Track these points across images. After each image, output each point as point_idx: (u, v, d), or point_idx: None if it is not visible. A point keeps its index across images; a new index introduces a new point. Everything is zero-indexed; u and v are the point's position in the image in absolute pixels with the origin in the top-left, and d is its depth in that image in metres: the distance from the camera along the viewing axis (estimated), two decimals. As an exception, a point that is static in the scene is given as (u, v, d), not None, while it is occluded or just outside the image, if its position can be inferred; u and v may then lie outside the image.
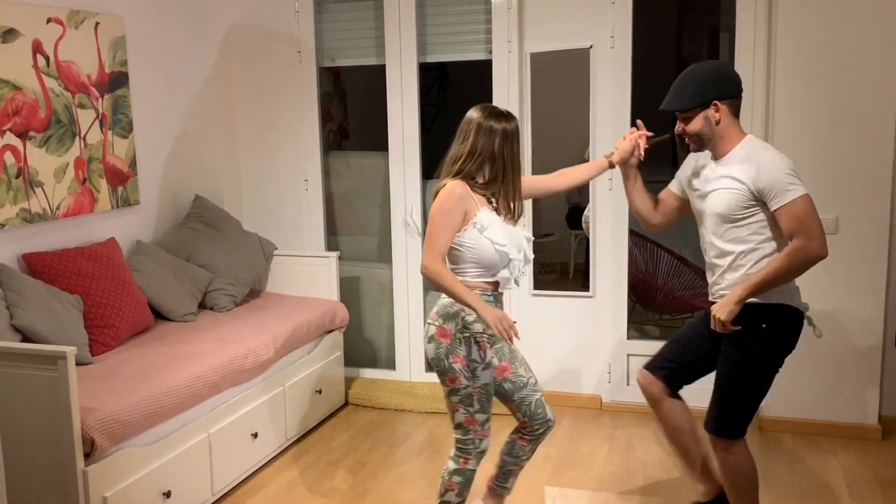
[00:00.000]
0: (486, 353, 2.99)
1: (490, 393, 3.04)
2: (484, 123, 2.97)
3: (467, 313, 2.94)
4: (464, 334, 2.95)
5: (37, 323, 3.43)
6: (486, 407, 3.03)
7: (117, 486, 3.09)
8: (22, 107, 3.74)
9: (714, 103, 2.88)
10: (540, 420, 3.15)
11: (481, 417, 3.03)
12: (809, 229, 2.76)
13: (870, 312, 4.20)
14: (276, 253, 5.00)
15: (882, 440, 4.25)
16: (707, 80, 2.91)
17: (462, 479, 3.08)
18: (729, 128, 2.91)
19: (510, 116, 3.03)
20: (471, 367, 2.96)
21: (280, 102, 5.10)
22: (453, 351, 2.96)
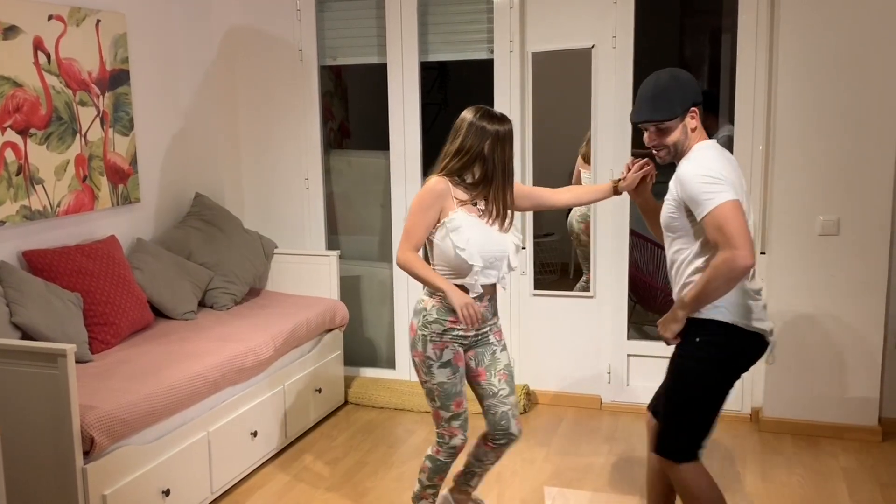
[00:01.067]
0: (443, 353, 3.04)
1: (450, 392, 3.08)
2: (476, 123, 3.00)
3: (428, 312, 3.04)
4: (423, 332, 3.05)
5: (37, 320, 3.43)
6: (446, 405, 3.09)
7: (117, 484, 3.08)
8: (23, 104, 3.73)
9: (693, 109, 2.74)
10: (501, 431, 3.17)
11: (444, 414, 3.11)
12: (731, 237, 2.53)
13: (870, 314, 4.20)
14: (276, 251, 5.00)
15: (882, 442, 4.24)
16: (684, 86, 2.76)
17: (432, 466, 3.22)
18: (699, 133, 2.78)
19: (504, 119, 3.03)
20: (426, 364, 3.06)
21: (281, 101, 5.09)
22: (415, 345, 3.09)
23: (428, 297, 3.07)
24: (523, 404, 4.71)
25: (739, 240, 2.53)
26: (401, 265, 3.04)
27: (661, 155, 2.82)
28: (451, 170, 3.02)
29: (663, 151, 2.80)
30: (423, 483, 3.28)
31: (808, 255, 4.24)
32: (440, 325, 3.04)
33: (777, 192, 4.25)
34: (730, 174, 2.67)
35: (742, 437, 4.35)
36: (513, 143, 3.06)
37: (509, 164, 3.04)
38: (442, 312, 3.03)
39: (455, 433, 3.14)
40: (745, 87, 4.36)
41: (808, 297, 4.28)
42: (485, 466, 3.31)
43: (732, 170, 2.72)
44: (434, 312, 3.04)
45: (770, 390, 4.41)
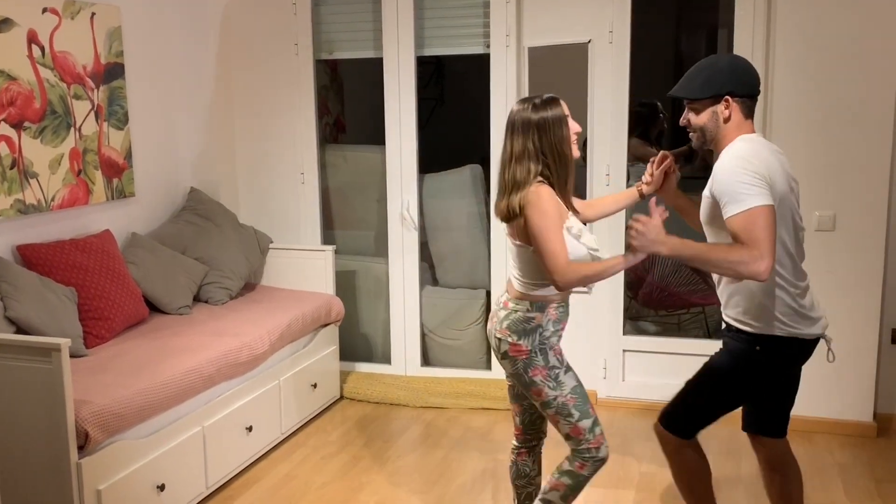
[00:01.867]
0: (563, 356, 2.82)
1: (584, 394, 2.82)
2: (519, 118, 2.74)
3: (544, 328, 2.78)
4: (540, 346, 2.78)
5: (31, 315, 3.41)
6: (585, 411, 2.79)
7: (111, 478, 3.07)
8: (17, 97, 3.71)
9: (726, 98, 2.62)
10: (533, 431, 3.07)
11: (587, 423, 2.80)
12: (759, 242, 2.43)
13: (866, 309, 4.20)
14: (271, 246, 4.99)
15: (877, 437, 4.25)
16: (721, 72, 2.64)
17: (571, 483, 2.86)
18: (736, 128, 2.64)
19: (546, 104, 2.74)
20: (553, 374, 2.78)
21: (277, 95, 5.07)
22: (531, 364, 2.78)
23: (539, 312, 2.77)
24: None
25: (766, 248, 2.43)
26: (570, 282, 2.65)
27: (693, 138, 2.74)
28: (526, 182, 2.70)
29: (694, 134, 2.73)
30: (552, 502, 2.89)
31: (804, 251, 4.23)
32: (555, 336, 2.81)
33: (773, 187, 4.25)
34: (774, 171, 2.55)
35: (738, 433, 4.32)
36: (563, 125, 2.73)
37: (565, 148, 2.73)
38: (556, 323, 2.81)
39: (601, 441, 2.82)
40: (742, 83, 4.35)
41: (803, 293, 4.28)
42: (533, 481, 3.09)
43: (779, 166, 2.60)
44: (550, 326, 2.79)
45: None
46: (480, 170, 4.99)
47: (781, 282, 2.66)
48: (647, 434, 4.29)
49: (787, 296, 2.68)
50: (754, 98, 2.68)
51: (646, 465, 3.97)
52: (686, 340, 4.75)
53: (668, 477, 3.85)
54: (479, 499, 3.68)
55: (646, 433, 4.31)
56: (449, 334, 5.01)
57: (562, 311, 2.84)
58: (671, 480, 3.83)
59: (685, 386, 2.89)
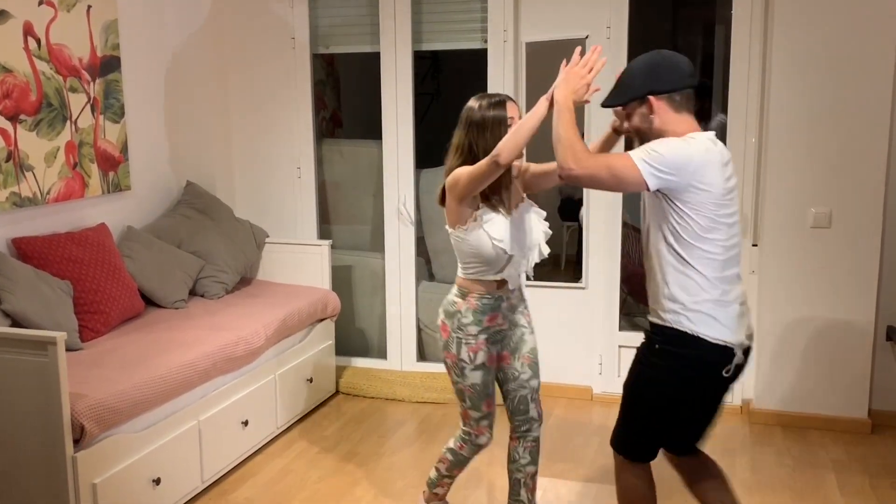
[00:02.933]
0: (478, 356, 2.96)
1: (482, 393, 3.01)
2: (466, 113, 2.90)
3: (463, 314, 2.94)
4: (457, 334, 2.96)
5: (27, 308, 3.41)
6: (477, 405, 3.02)
7: (107, 472, 3.07)
8: (13, 90, 3.70)
9: (647, 98, 2.54)
10: (521, 417, 3.09)
11: (475, 414, 3.04)
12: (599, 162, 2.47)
13: (861, 306, 4.21)
14: (267, 241, 4.98)
15: (871, 434, 4.27)
16: (638, 74, 2.59)
17: (453, 460, 3.18)
18: (670, 124, 2.53)
19: (492, 105, 2.87)
20: (459, 366, 2.98)
21: (273, 89, 5.06)
22: (448, 347, 3.00)
23: (460, 298, 2.96)
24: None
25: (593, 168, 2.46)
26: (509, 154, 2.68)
27: (635, 142, 2.66)
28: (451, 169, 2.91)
29: (633, 137, 2.67)
30: (441, 472, 3.22)
31: (799, 248, 4.25)
32: (476, 326, 2.94)
33: (769, 184, 4.26)
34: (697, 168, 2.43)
35: (733, 429, 4.36)
36: (505, 123, 2.84)
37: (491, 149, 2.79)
38: (478, 314, 2.94)
39: (482, 432, 3.08)
40: (739, 79, 4.36)
41: (799, 290, 4.29)
42: (524, 469, 3.13)
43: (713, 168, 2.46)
44: (469, 315, 2.94)
45: (761, 382, 4.42)
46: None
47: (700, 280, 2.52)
48: (643, 430, 4.31)
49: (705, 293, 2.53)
50: (682, 91, 2.55)
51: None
52: (682, 336, 4.75)
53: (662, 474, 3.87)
54: (474, 494, 3.68)
55: (641, 429, 4.32)
56: (445, 329, 5.01)
57: (486, 303, 2.94)
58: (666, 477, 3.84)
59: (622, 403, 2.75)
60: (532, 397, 3.09)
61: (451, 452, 3.17)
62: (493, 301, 2.95)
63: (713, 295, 2.50)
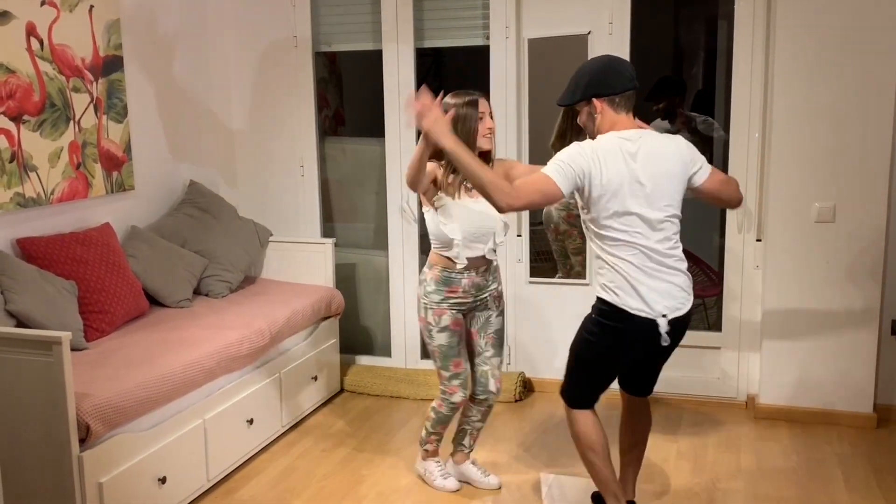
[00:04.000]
0: (442, 319, 3.39)
1: (448, 354, 3.43)
2: (444, 109, 3.18)
3: (427, 283, 3.42)
4: (424, 301, 3.44)
5: (31, 308, 3.41)
6: (446, 366, 3.45)
7: (112, 471, 3.08)
8: (16, 90, 3.70)
9: (591, 100, 2.91)
10: (481, 388, 3.54)
11: (445, 373, 3.47)
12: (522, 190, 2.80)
13: (866, 300, 4.20)
14: (271, 239, 4.99)
15: (877, 428, 4.26)
16: (584, 78, 2.94)
17: (435, 417, 3.59)
18: (610, 124, 2.91)
19: (469, 103, 3.25)
20: (428, 329, 3.44)
21: (276, 87, 5.07)
22: (419, 313, 3.49)
23: (428, 269, 3.44)
24: (519, 392, 4.71)
25: (523, 197, 2.79)
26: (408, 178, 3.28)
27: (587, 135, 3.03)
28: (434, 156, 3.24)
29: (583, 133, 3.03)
30: (427, 430, 3.66)
31: (803, 243, 4.24)
32: (438, 294, 3.40)
33: (773, 179, 4.25)
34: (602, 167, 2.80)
35: (737, 424, 4.36)
36: (475, 119, 3.25)
37: (472, 139, 3.23)
38: (439, 284, 3.40)
39: (454, 391, 3.48)
40: (742, 74, 4.35)
41: (803, 285, 4.28)
42: (472, 424, 3.65)
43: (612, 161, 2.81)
44: (432, 283, 3.41)
45: (765, 377, 4.42)
46: (480, 162, 4.98)
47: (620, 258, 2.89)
48: (648, 426, 4.30)
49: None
50: (623, 94, 2.89)
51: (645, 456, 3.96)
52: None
53: (667, 467, 3.87)
54: (479, 490, 3.68)
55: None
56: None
57: (445, 276, 3.39)
58: (670, 471, 3.85)
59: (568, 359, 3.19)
60: (493, 374, 3.54)
61: (433, 410, 3.58)
62: (452, 275, 3.38)
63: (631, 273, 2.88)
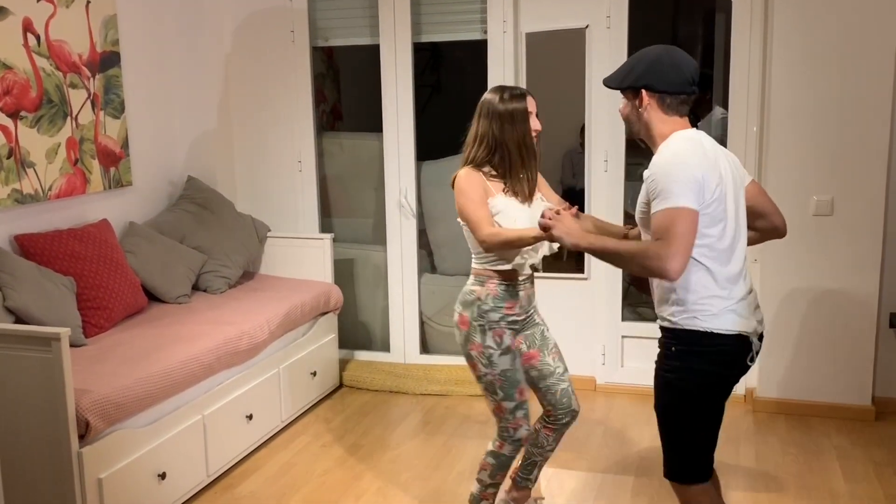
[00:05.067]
0: (503, 339, 2.96)
1: (513, 380, 2.98)
2: (487, 105, 2.94)
3: (483, 301, 2.95)
4: (479, 322, 2.95)
5: (30, 304, 3.41)
6: (510, 395, 2.98)
7: (112, 467, 3.08)
8: (13, 86, 3.70)
9: (640, 91, 2.53)
10: (563, 409, 3.11)
11: (509, 405, 2.99)
12: (673, 239, 2.30)
13: (864, 293, 4.21)
14: (269, 235, 4.99)
15: (875, 421, 4.27)
16: (640, 64, 2.56)
17: (495, 463, 3.10)
18: (655, 122, 2.53)
19: (516, 96, 2.93)
20: (486, 354, 2.95)
21: (273, 82, 5.06)
22: (471, 339, 2.98)
23: (479, 286, 2.97)
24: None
25: (680, 247, 2.30)
26: (492, 244, 2.83)
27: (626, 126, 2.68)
28: (477, 160, 2.95)
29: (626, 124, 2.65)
30: (484, 483, 3.15)
31: (802, 236, 4.24)
32: (497, 313, 2.96)
33: (771, 172, 4.25)
34: (710, 173, 2.40)
35: (736, 418, 4.37)
36: (526, 119, 2.91)
37: (526, 141, 2.92)
38: (498, 300, 2.96)
39: (520, 424, 3.02)
40: (740, 68, 4.35)
41: (801, 278, 4.29)
42: (546, 454, 3.21)
43: (709, 166, 2.41)
44: (490, 301, 2.95)
45: (764, 371, 4.42)
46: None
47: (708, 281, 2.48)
48: (646, 419, 4.32)
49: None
50: (677, 95, 2.50)
51: (645, 451, 3.99)
52: (684, 326, 4.75)
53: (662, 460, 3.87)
54: (479, 485, 3.69)
55: (644, 418, 4.33)
56: (448, 321, 5.01)
57: (505, 290, 2.96)
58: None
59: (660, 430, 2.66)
60: (572, 389, 3.14)
61: (493, 455, 3.09)
62: (511, 288, 2.97)
63: (717, 291, 2.46)
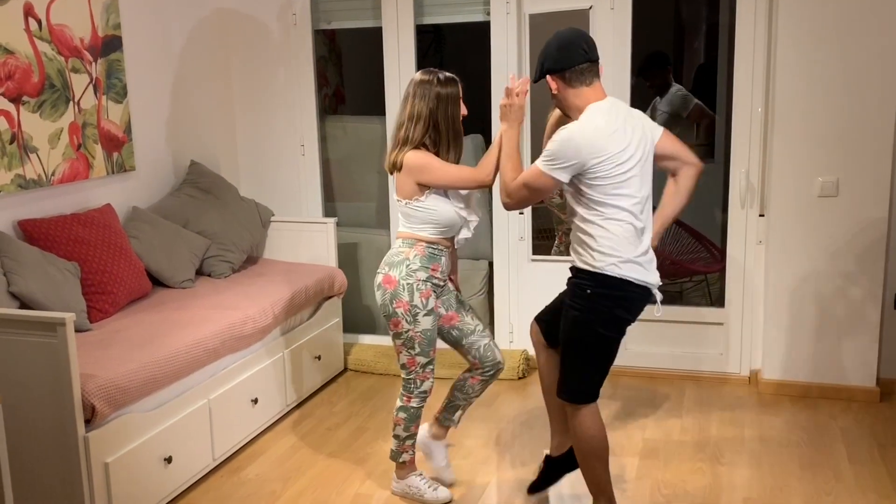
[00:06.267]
0: (429, 301, 3.19)
1: (431, 339, 3.23)
2: (423, 86, 3.13)
3: (411, 261, 3.17)
4: (407, 281, 3.16)
5: (35, 290, 3.41)
6: (426, 351, 3.24)
7: (118, 451, 3.09)
8: (15, 71, 3.68)
9: (546, 77, 2.89)
10: (490, 362, 3.37)
11: (422, 360, 3.25)
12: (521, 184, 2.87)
13: (869, 275, 4.20)
14: (273, 219, 4.98)
15: (880, 402, 4.27)
16: (540, 57, 2.92)
17: (406, 416, 3.33)
18: (573, 98, 2.86)
19: (448, 81, 3.15)
20: (412, 313, 3.17)
21: (275, 66, 5.04)
22: (397, 296, 3.17)
23: (408, 247, 3.19)
24: (522, 370, 4.72)
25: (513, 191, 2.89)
26: (488, 178, 3.11)
27: None
28: (413, 140, 3.14)
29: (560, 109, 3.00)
30: (400, 437, 3.36)
31: (807, 217, 4.23)
32: (424, 272, 3.18)
33: (776, 153, 4.23)
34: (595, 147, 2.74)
35: (741, 400, 4.37)
36: (458, 103, 3.15)
37: (456, 125, 3.16)
38: (425, 260, 3.18)
39: (427, 377, 3.29)
40: (745, 48, 4.32)
41: (806, 259, 4.28)
42: (470, 399, 3.46)
43: (608, 137, 2.77)
44: (417, 261, 3.17)
45: (768, 353, 4.42)
46: (482, 139, 4.97)
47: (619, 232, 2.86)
48: (650, 401, 4.33)
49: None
50: (573, 69, 2.83)
51: (649, 432, 3.99)
52: (688, 308, 4.75)
53: (670, 443, 3.88)
54: (483, 469, 3.70)
55: (648, 400, 4.34)
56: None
57: (433, 251, 3.20)
58: (674, 447, 3.86)
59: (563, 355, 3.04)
60: (494, 344, 3.41)
61: (402, 410, 3.33)
62: (438, 251, 3.21)
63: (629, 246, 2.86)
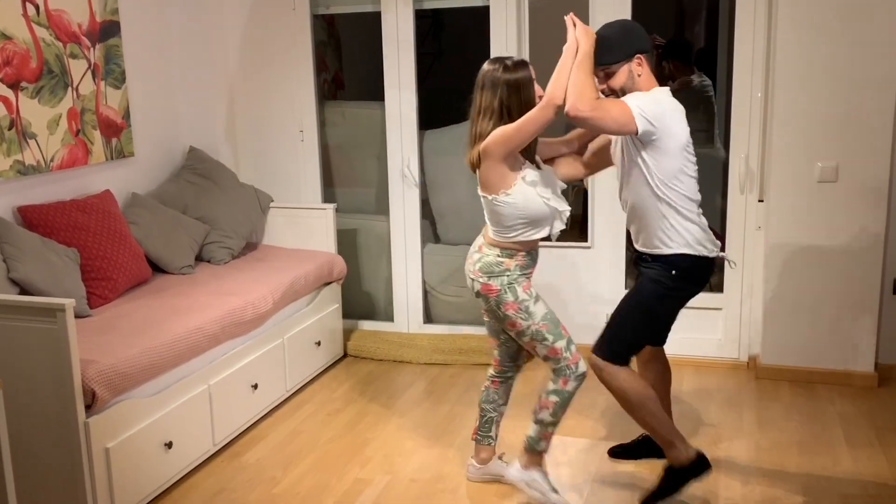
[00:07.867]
0: (531, 290, 3.10)
1: (554, 320, 3.10)
2: (490, 77, 2.98)
3: (511, 272, 3.06)
4: (509, 280, 3.06)
5: (34, 276, 3.41)
6: (558, 333, 3.09)
7: (119, 437, 3.10)
8: (13, 57, 3.67)
9: (638, 57, 2.96)
10: (513, 363, 3.39)
11: (561, 343, 3.09)
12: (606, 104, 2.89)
13: (868, 260, 4.20)
14: (272, 205, 4.98)
15: (878, 387, 4.28)
16: (627, 34, 3.00)
17: (558, 400, 3.13)
18: (647, 81, 2.99)
19: (517, 66, 2.99)
20: (524, 307, 3.06)
21: (274, 51, 5.02)
22: (502, 301, 3.06)
23: (507, 258, 3.07)
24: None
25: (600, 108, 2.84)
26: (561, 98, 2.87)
27: None
28: (485, 135, 2.97)
29: (612, 96, 3.01)
30: (545, 422, 3.16)
31: (806, 202, 4.23)
32: (524, 278, 3.10)
33: (775, 138, 4.23)
34: (671, 119, 2.91)
35: (740, 385, 4.38)
36: (532, 86, 2.98)
37: (529, 108, 2.94)
38: (525, 269, 3.11)
39: (578, 358, 3.11)
40: (744, 33, 4.31)
41: (805, 244, 4.28)
42: (500, 409, 3.43)
43: (679, 118, 2.95)
44: (518, 270, 3.07)
45: (767, 338, 4.43)
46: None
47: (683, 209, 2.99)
48: (650, 387, 4.32)
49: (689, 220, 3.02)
50: (649, 53, 3.02)
51: (649, 418, 4.00)
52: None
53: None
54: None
55: (648, 386, 4.34)
56: (451, 291, 5.02)
57: (528, 259, 3.13)
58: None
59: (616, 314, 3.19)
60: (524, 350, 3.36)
61: (556, 393, 3.11)
62: (534, 256, 3.16)
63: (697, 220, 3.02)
